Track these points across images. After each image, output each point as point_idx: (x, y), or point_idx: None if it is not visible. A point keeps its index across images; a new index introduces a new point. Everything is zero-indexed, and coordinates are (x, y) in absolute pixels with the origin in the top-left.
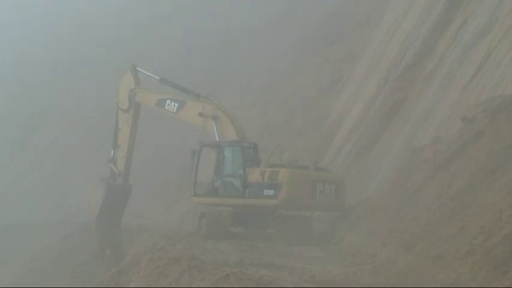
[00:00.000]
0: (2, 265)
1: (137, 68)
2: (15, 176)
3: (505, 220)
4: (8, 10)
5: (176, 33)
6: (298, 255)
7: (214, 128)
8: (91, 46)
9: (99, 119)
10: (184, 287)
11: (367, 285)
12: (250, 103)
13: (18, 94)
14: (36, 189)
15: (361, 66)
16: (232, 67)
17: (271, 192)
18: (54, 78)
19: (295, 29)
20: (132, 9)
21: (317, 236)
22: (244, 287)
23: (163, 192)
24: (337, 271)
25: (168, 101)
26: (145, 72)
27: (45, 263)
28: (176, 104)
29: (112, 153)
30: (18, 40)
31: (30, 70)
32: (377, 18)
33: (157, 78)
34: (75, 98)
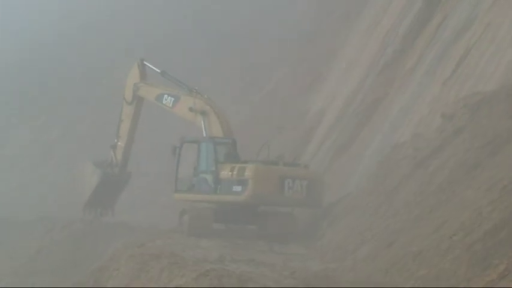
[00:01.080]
0: None
1: (144, 62)
2: None
3: (485, 216)
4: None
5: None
6: (278, 251)
7: (202, 124)
8: (71, 43)
9: (80, 116)
10: (164, 283)
11: (347, 282)
12: (230, 99)
13: None
14: (15, 186)
15: (340, 63)
16: (212, 64)
17: (239, 188)
18: (34, 75)
19: (275, 26)
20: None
21: (298, 233)
22: (225, 284)
23: (146, 189)
24: (318, 267)
25: (165, 95)
26: (151, 66)
27: (25, 260)
28: (172, 99)
29: (115, 141)
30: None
31: (9, 67)
32: (356, 14)
33: (159, 71)
34: (55, 94)
